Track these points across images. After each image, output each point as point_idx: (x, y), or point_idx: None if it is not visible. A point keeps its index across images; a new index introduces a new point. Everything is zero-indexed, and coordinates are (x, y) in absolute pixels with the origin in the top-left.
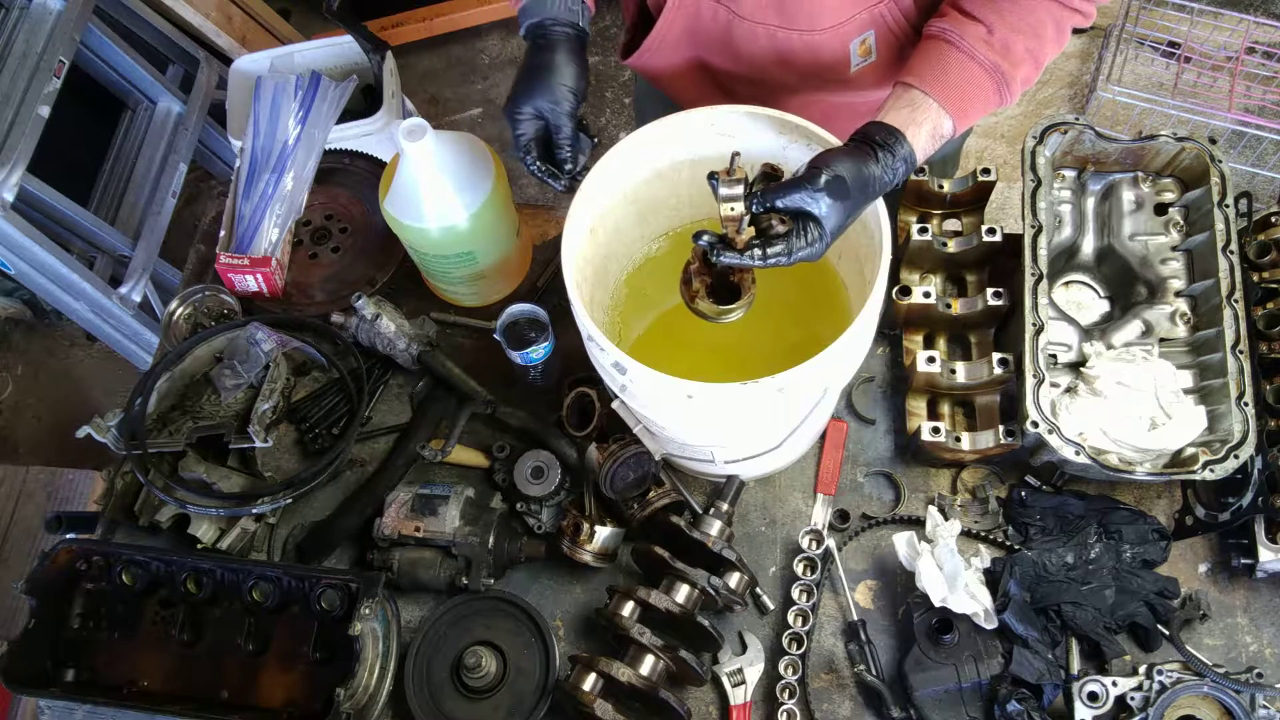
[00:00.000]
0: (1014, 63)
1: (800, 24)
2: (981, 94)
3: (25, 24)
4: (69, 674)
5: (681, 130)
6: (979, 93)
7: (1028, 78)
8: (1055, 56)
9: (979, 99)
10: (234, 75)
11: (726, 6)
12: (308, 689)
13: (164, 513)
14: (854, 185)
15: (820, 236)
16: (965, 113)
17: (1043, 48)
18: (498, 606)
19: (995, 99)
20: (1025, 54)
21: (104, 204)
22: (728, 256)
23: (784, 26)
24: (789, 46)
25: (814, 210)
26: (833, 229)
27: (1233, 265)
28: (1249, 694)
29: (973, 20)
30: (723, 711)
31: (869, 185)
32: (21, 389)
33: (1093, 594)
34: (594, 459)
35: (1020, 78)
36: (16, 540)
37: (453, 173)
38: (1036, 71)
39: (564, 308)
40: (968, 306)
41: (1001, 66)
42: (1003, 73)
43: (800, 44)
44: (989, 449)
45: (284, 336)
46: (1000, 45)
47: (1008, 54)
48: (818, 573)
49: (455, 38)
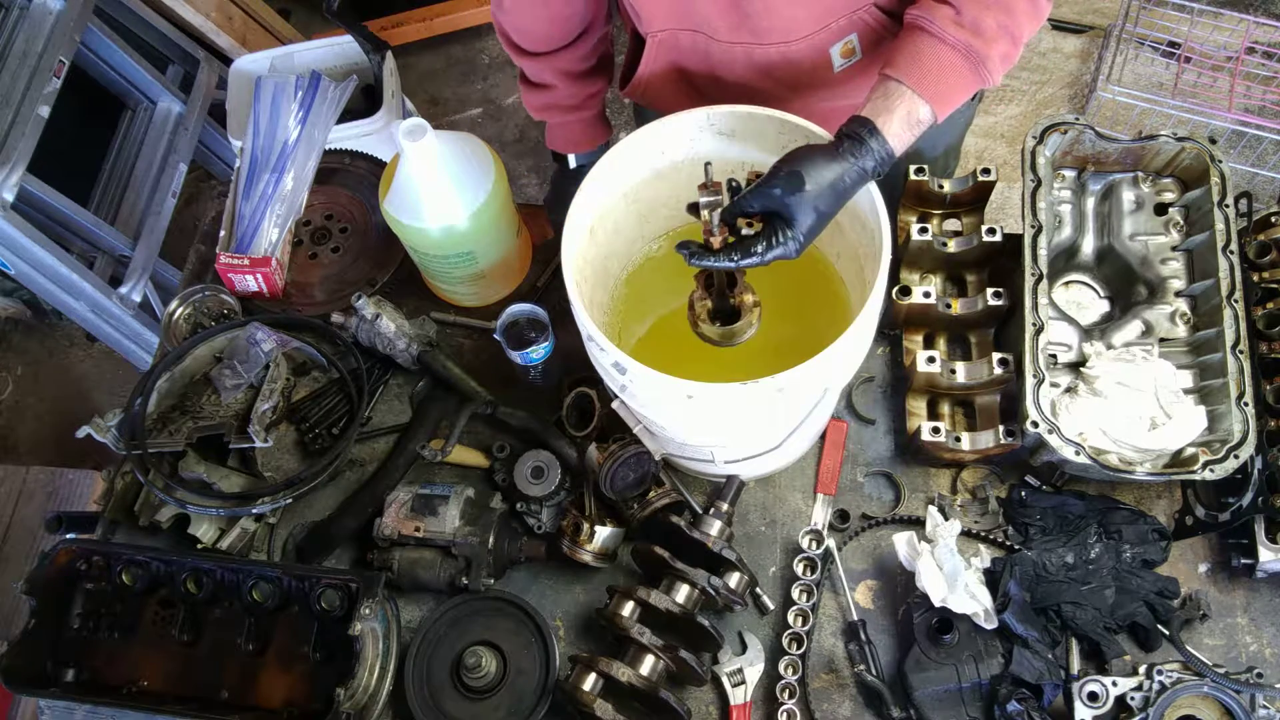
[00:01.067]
0: (987, 40)
1: (775, 38)
2: (956, 75)
3: (25, 24)
4: (69, 674)
5: (681, 130)
6: (953, 75)
7: (1006, 54)
8: (1035, 29)
9: (955, 81)
10: (234, 75)
11: (704, 34)
12: (308, 689)
13: (164, 513)
14: (813, 178)
15: (792, 235)
16: (942, 96)
17: (1016, 21)
18: (498, 606)
19: (973, 79)
20: (999, 30)
21: (104, 204)
22: (704, 261)
23: (759, 43)
24: (767, 60)
25: (779, 209)
26: (805, 226)
27: (1233, 265)
28: (1249, 694)
29: (942, 3)
30: (723, 711)
31: (836, 178)
32: (21, 389)
33: (1093, 594)
34: (594, 459)
35: (998, 55)
36: (16, 540)
37: (453, 173)
38: (1015, 47)
39: (564, 308)
40: (968, 306)
41: (974, 45)
42: (976, 51)
43: (778, 56)
44: (989, 449)
45: (284, 336)
46: (970, 24)
47: (979, 32)
48: (818, 573)
49: (455, 38)
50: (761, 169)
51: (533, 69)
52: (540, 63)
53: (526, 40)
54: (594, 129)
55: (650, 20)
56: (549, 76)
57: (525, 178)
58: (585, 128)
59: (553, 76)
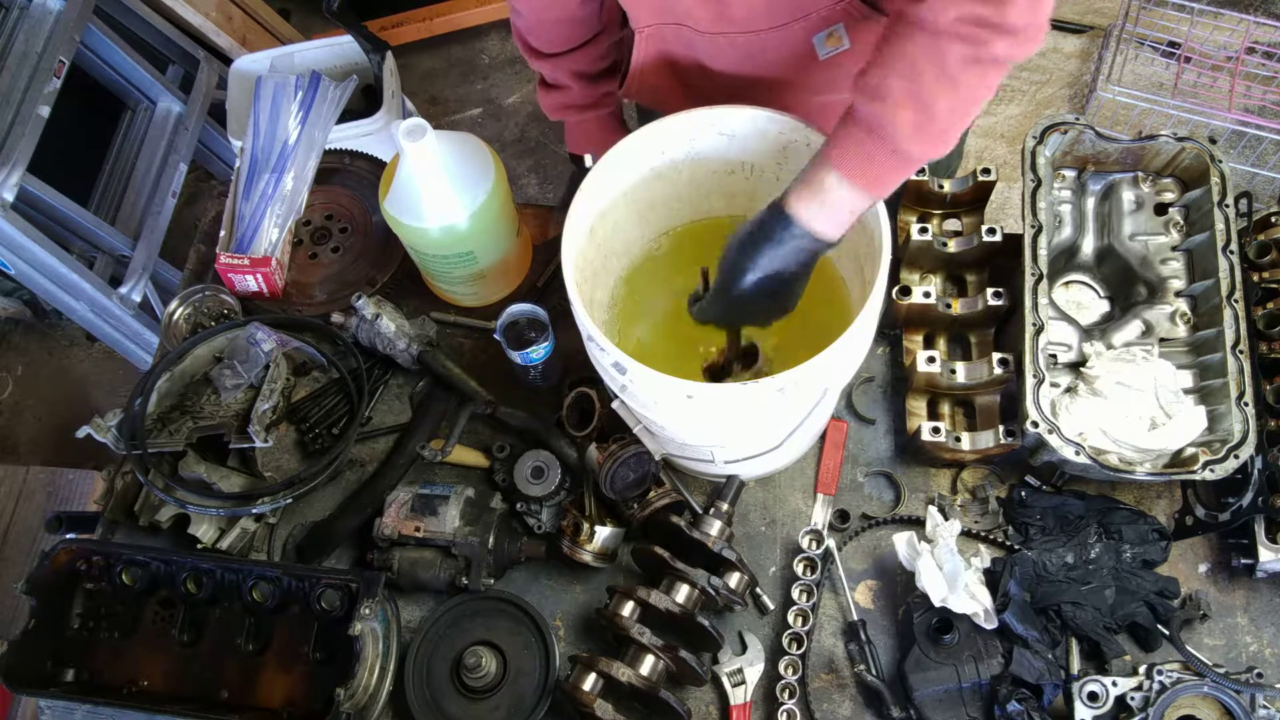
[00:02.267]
0: (892, 105)
1: (756, 25)
2: (857, 144)
3: (25, 24)
4: (69, 674)
5: (681, 130)
6: (854, 144)
7: (918, 123)
8: (958, 103)
9: (861, 153)
10: (234, 75)
11: (688, 26)
12: (308, 689)
13: (164, 513)
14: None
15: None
16: (858, 171)
17: (921, 89)
18: (498, 606)
19: (882, 150)
20: (905, 96)
21: (104, 204)
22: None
23: (740, 31)
24: (750, 50)
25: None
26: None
27: (1233, 265)
28: (1249, 694)
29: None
30: (723, 711)
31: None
32: (21, 389)
33: (1093, 594)
34: (594, 459)
35: (907, 122)
36: (16, 540)
37: (453, 173)
38: (926, 116)
39: (564, 308)
40: (968, 306)
41: (877, 112)
42: (878, 120)
43: (759, 45)
44: (989, 449)
45: (284, 336)
46: (873, 88)
47: (879, 95)
48: (818, 573)
49: (455, 38)
50: (762, 169)
51: (548, 70)
52: (555, 63)
53: (541, 42)
54: (609, 129)
55: (637, 16)
56: (564, 77)
57: (525, 178)
58: (600, 127)
59: (568, 77)
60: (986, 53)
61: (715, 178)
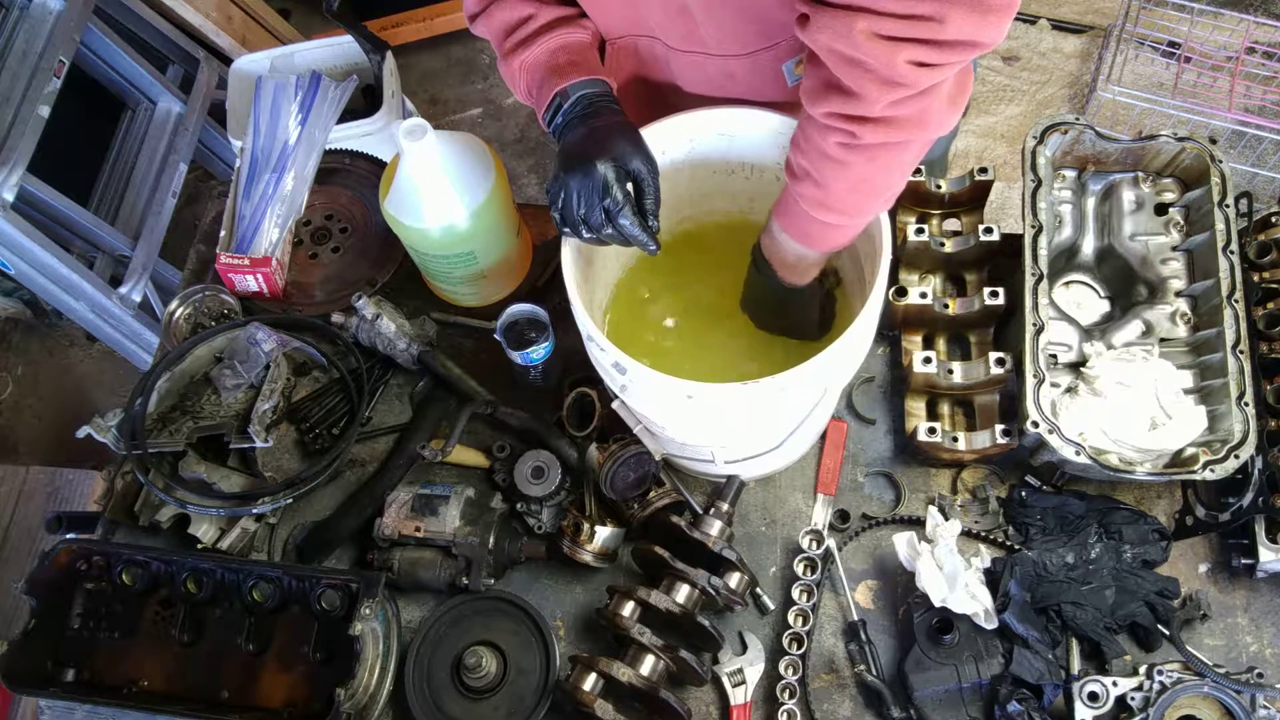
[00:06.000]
0: (798, 180)
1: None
2: (792, 206)
3: (25, 24)
4: (69, 674)
5: (681, 131)
6: (793, 207)
7: (818, 199)
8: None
9: (795, 211)
10: (234, 75)
11: (660, 40)
12: (308, 689)
13: (164, 513)
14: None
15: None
16: (797, 230)
17: (817, 168)
18: (498, 606)
19: (804, 217)
20: (804, 173)
21: (104, 204)
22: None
23: (709, 54)
24: (721, 72)
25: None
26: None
27: (1233, 265)
28: (1249, 694)
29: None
30: (723, 711)
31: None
32: (21, 389)
33: (1093, 594)
34: (594, 459)
35: (810, 197)
36: (16, 540)
37: (453, 173)
38: (824, 193)
39: (564, 308)
40: (965, 306)
41: (790, 183)
42: (794, 189)
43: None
44: (987, 449)
45: (284, 336)
46: (788, 161)
47: (791, 170)
48: (818, 573)
49: (455, 38)
50: (763, 170)
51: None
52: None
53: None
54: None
55: (608, 29)
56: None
57: (525, 178)
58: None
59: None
60: (858, 141)
61: (716, 178)
